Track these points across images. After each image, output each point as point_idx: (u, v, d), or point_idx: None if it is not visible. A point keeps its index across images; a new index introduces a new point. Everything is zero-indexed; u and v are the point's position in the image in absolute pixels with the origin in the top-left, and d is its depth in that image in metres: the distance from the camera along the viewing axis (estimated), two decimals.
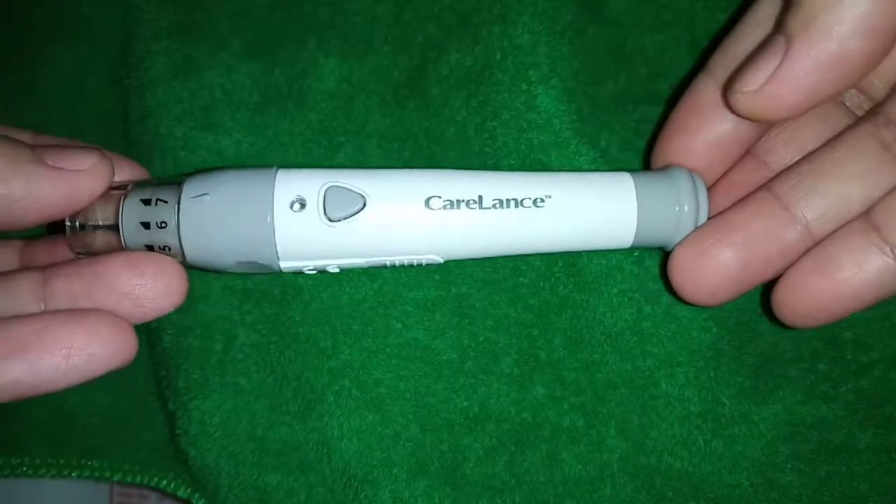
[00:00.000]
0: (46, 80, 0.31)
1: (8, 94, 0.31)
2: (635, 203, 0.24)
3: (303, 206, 0.23)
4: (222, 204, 0.23)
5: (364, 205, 0.23)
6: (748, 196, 0.24)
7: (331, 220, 0.23)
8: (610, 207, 0.24)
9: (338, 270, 0.25)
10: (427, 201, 0.24)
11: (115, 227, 0.23)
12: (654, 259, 0.28)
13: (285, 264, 0.24)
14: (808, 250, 0.23)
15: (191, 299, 0.28)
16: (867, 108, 0.24)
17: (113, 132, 0.30)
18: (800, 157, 0.24)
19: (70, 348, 0.21)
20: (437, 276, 0.28)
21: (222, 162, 0.28)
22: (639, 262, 0.28)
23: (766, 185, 0.24)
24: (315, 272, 0.25)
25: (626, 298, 0.28)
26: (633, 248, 0.26)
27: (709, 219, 0.24)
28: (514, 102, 0.29)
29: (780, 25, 0.22)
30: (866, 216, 0.22)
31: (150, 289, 0.22)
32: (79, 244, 0.23)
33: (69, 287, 0.22)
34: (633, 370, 0.27)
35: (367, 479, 0.27)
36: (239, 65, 0.29)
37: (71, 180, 0.22)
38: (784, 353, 0.28)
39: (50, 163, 0.21)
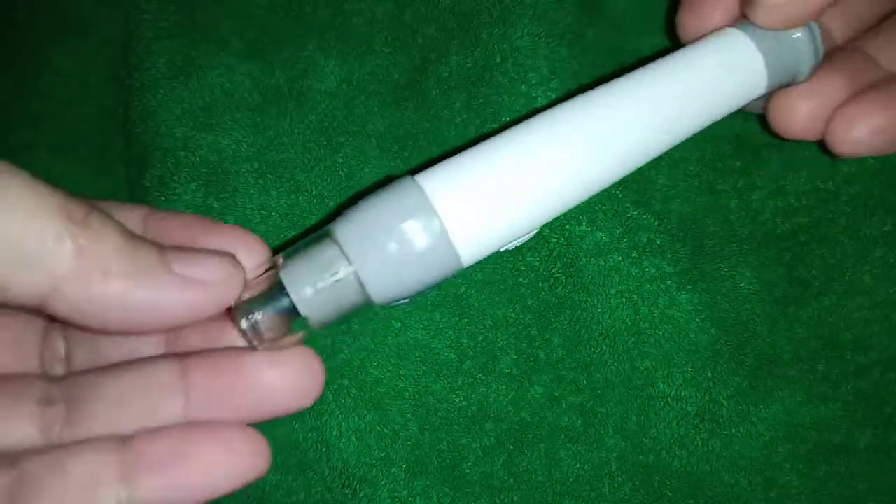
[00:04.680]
0: (48, 80, 0.31)
1: (10, 93, 0.31)
2: (756, 48, 0.25)
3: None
4: (386, 231, 0.21)
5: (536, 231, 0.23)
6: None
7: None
8: (735, 62, 0.25)
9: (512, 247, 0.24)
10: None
11: (288, 309, 0.21)
12: (652, 260, 0.28)
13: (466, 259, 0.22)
14: None
15: None
16: None
17: (114, 132, 0.31)
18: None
19: (208, 467, 0.20)
20: None
21: (221, 162, 0.28)
22: (637, 264, 0.28)
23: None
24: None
25: (623, 299, 0.28)
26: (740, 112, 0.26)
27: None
28: (513, 104, 0.29)
29: None
30: None
31: (291, 389, 0.21)
32: (258, 340, 0.21)
33: (208, 382, 0.21)
34: (630, 370, 0.27)
35: (365, 478, 0.27)
36: (239, 65, 0.29)
37: (199, 291, 0.19)
38: (782, 354, 0.28)
39: (178, 270, 0.19)
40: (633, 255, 0.28)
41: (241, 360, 0.21)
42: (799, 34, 0.25)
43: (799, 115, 0.26)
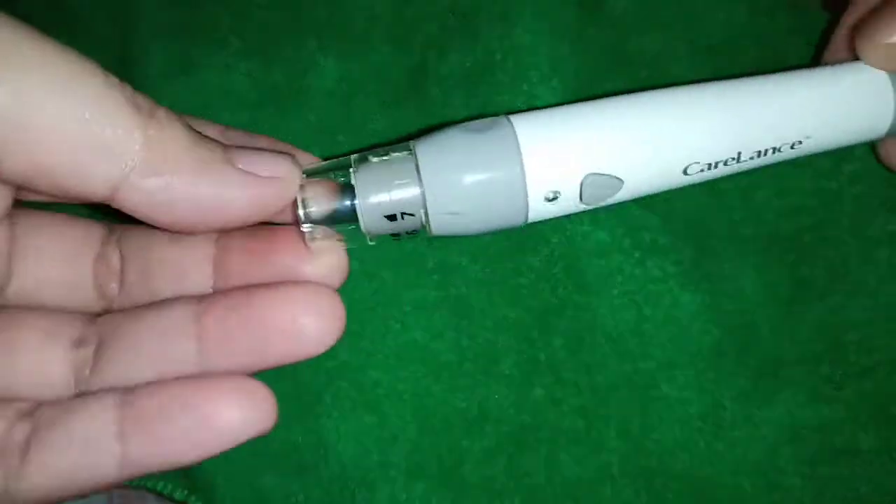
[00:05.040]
0: None
1: None
2: (890, 85, 0.24)
3: (556, 197, 0.22)
4: (468, 164, 0.21)
5: (621, 186, 0.22)
6: None
7: (586, 204, 0.23)
8: (863, 93, 0.24)
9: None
10: (685, 170, 0.23)
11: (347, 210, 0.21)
12: (655, 261, 0.27)
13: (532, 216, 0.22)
14: None
15: None
16: None
17: None
18: None
19: (198, 423, 0.19)
20: (435, 277, 0.28)
21: None
22: (640, 264, 0.28)
23: None
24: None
25: (626, 300, 0.27)
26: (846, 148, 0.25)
27: None
28: (514, 103, 0.29)
29: None
30: None
31: (310, 328, 0.21)
32: (311, 233, 0.21)
33: (221, 324, 0.21)
34: (633, 372, 0.27)
35: (364, 480, 0.27)
36: (238, 64, 0.29)
37: (261, 187, 0.20)
38: (786, 356, 0.28)
39: (241, 166, 0.20)
40: (636, 255, 0.28)
41: (254, 299, 0.21)
42: None
43: None
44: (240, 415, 0.20)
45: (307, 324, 0.20)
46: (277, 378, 0.27)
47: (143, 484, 0.30)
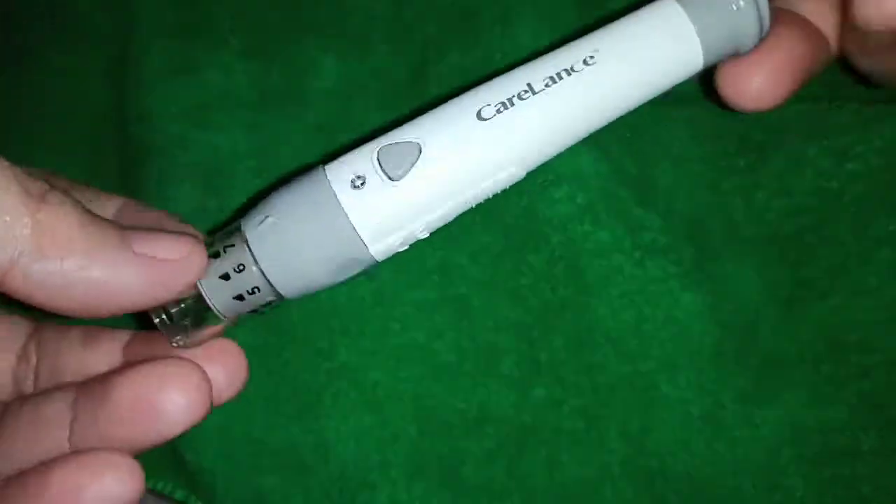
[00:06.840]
0: (44, 77, 0.31)
1: (5, 91, 0.31)
2: (688, 19, 0.23)
3: (362, 181, 0.21)
4: (287, 219, 0.21)
5: (420, 150, 0.22)
6: None
7: (394, 180, 0.22)
8: (664, 35, 0.23)
9: (427, 234, 0.23)
10: (479, 114, 0.22)
11: (199, 299, 0.21)
12: (656, 261, 0.27)
13: (375, 248, 0.22)
14: None
15: None
16: None
17: (110, 130, 0.30)
18: None
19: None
20: (436, 277, 0.28)
21: (218, 161, 0.28)
22: (640, 264, 0.27)
23: None
24: (408, 246, 0.23)
25: (626, 300, 0.27)
26: (704, 70, 0.24)
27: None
28: None
29: None
30: None
31: (175, 404, 0.20)
32: (173, 334, 0.22)
33: (94, 408, 0.21)
34: (633, 372, 0.27)
35: (364, 481, 0.27)
36: (237, 63, 0.29)
37: (159, 270, 0.20)
38: (786, 356, 0.28)
39: (137, 249, 0.20)
40: (637, 255, 0.27)
41: (118, 380, 0.21)
42: (742, 4, 0.23)
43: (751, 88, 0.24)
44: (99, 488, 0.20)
45: (167, 401, 0.20)
46: (277, 379, 0.27)
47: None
